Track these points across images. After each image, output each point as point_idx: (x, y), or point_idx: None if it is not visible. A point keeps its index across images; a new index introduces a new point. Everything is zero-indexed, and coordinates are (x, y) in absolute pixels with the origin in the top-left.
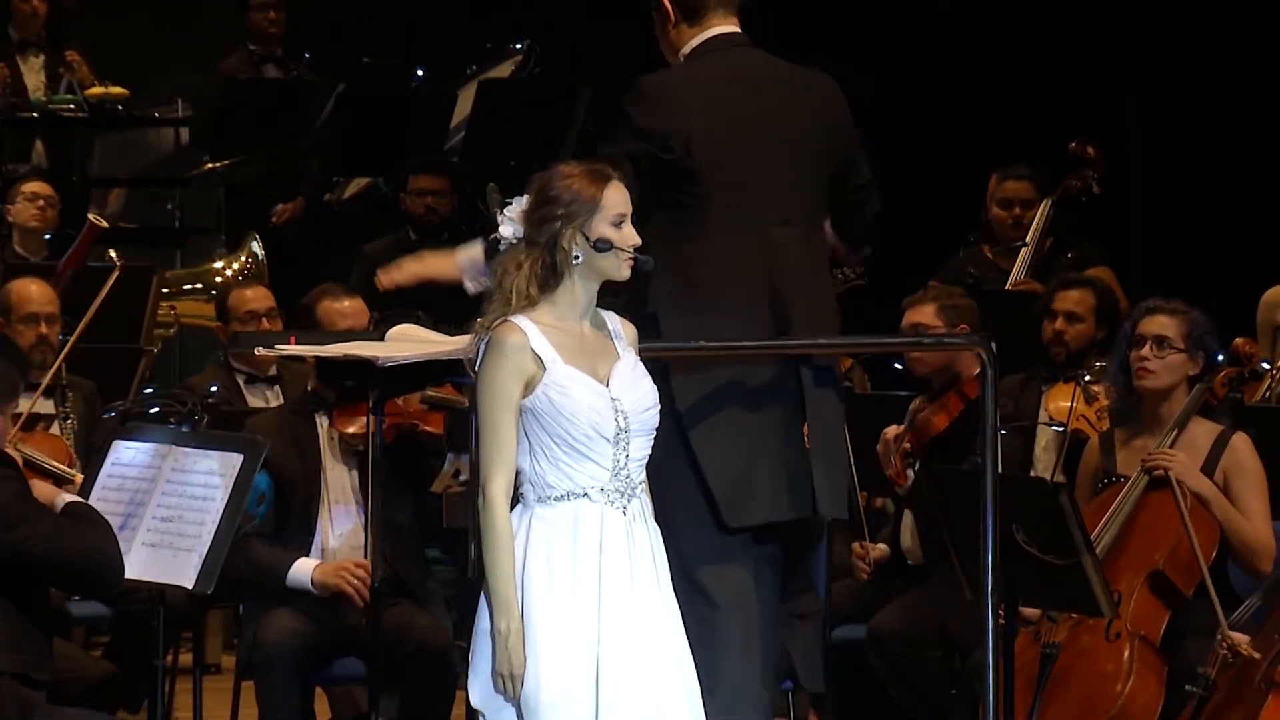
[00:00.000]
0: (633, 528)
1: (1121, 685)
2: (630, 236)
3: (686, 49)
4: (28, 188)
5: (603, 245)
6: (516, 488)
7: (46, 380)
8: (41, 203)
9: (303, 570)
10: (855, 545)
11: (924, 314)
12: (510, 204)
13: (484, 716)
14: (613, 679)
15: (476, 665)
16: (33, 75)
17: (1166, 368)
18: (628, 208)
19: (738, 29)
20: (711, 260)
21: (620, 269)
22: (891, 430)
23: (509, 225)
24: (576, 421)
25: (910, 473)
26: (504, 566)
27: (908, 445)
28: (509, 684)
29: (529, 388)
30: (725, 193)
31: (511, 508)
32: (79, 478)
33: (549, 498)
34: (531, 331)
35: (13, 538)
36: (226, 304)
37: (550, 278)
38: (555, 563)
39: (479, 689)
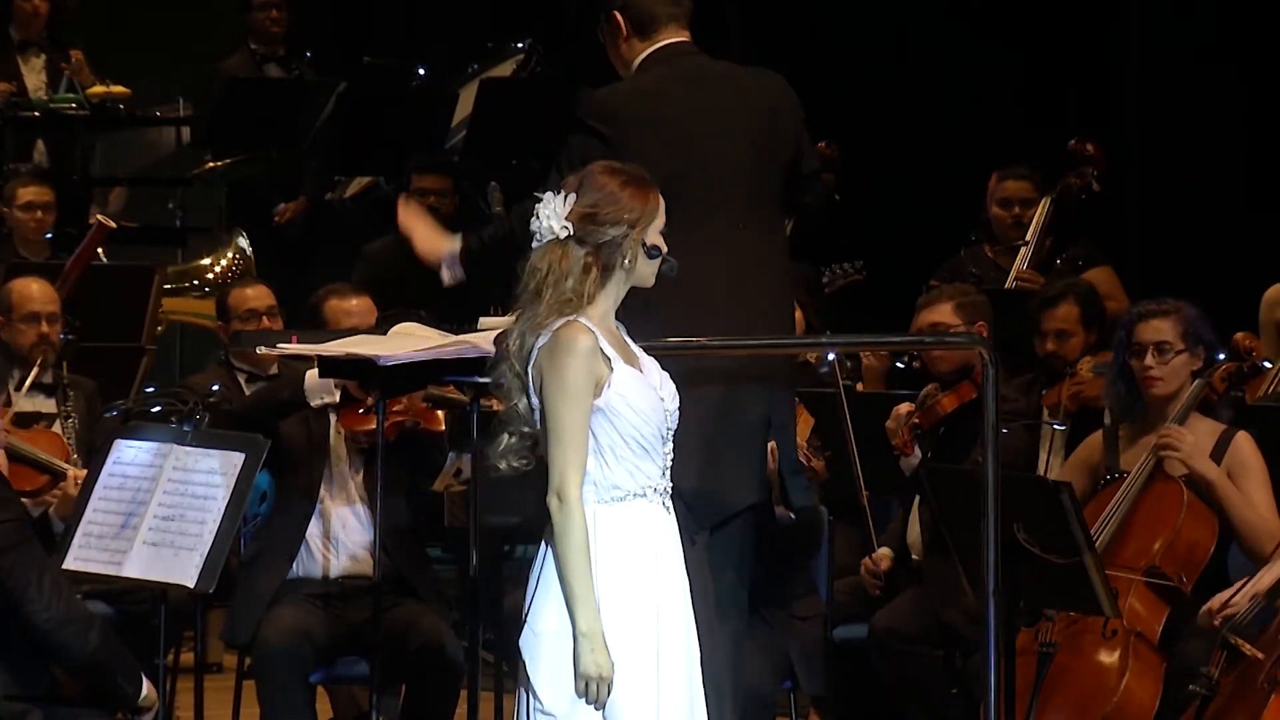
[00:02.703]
0: (673, 526)
1: (1118, 681)
2: (664, 245)
3: (637, 62)
4: (23, 195)
5: (655, 253)
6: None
7: (32, 376)
8: (39, 212)
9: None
10: (865, 561)
11: (942, 313)
12: (540, 199)
13: (553, 718)
14: (672, 679)
15: (539, 666)
16: (33, 75)
17: (1173, 372)
18: None
19: (688, 38)
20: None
21: (653, 278)
22: (904, 406)
23: (555, 221)
24: (649, 421)
25: (917, 447)
26: (585, 567)
27: (917, 420)
28: (598, 687)
29: (597, 389)
30: (677, 203)
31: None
32: (72, 471)
33: (612, 499)
34: (598, 332)
35: None
36: (227, 303)
37: (603, 279)
38: (621, 564)
39: (548, 690)
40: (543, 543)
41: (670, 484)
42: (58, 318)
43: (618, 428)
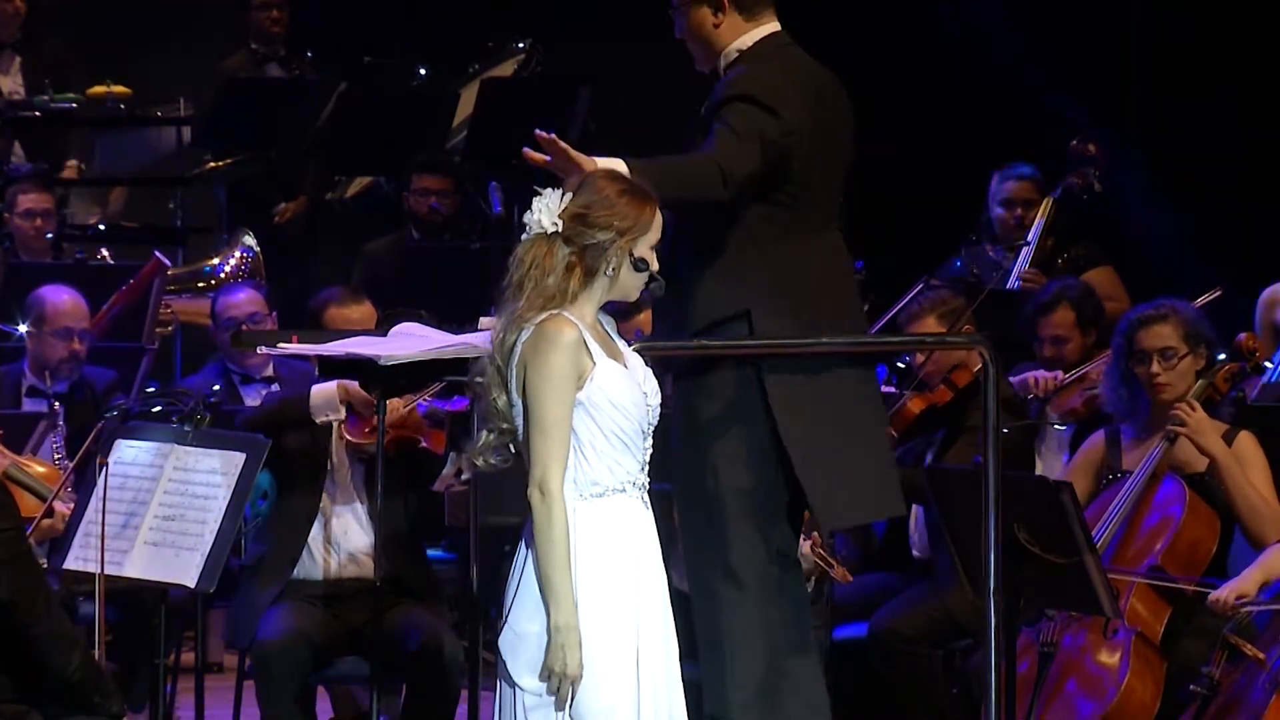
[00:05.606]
0: (652, 521)
1: (1118, 681)
2: (654, 262)
3: (742, 43)
4: (22, 203)
5: (642, 266)
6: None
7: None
8: (38, 220)
9: (324, 388)
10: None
11: (927, 325)
12: (540, 194)
13: (538, 710)
14: (651, 675)
15: (519, 666)
16: (7, 79)
17: (1180, 376)
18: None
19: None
20: (800, 262)
21: (636, 291)
22: None
23: (546, 216)
24: (630, 416)
25: None
26: (565, 561)
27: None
28: (561, 683)
29: (580, 382)
30: (812, 195)
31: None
32: (60, 508)
33: (591, 494)
34: (581, 326)
35: None
36: (215, 307)
37: (585, 280)
38: (601, 560)
39: (530, 683)
40: (523, 540)
41: (649, 479)
42: (88, 334)
43: (598, 422)
